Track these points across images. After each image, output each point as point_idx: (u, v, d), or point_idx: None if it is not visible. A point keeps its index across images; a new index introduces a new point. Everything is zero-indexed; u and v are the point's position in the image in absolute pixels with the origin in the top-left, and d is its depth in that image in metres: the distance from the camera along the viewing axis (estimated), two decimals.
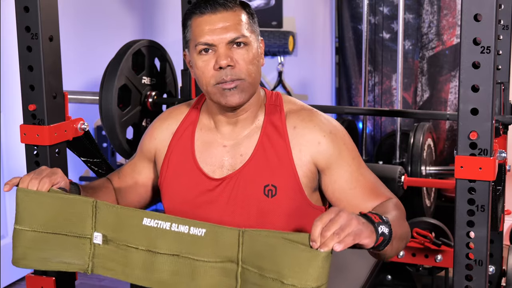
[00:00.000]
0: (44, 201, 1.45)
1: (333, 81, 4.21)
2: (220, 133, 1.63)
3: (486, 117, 1.47)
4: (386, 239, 1.34)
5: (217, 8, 1.52)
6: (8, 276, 3.30)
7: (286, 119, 1.61)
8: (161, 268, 1.41)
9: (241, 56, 1.53)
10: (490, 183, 1.51)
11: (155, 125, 1.73)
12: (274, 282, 1.27)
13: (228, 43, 1.52)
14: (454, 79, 3.77)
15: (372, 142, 3.92)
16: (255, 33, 1.58)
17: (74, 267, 1.47)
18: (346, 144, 1.60)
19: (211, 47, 1.52)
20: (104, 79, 2.52)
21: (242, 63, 1.53)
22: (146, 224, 1.41)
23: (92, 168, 2.14)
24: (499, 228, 2.32)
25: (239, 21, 1.53)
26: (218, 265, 1.37)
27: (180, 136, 1.66)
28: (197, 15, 1.54)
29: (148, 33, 4.11)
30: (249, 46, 1.54)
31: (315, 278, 1.24)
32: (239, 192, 1.57)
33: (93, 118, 3.67)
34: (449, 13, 3.74)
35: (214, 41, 1.52)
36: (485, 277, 1.53)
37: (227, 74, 1.52)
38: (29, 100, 1.85)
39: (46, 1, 1.81)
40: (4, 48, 3.12)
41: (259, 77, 1.58)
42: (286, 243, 1.26)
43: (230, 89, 1.53)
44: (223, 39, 1.51)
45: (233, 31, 1.52)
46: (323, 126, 1.59)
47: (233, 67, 1.52)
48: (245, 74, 1.53)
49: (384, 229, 1.33)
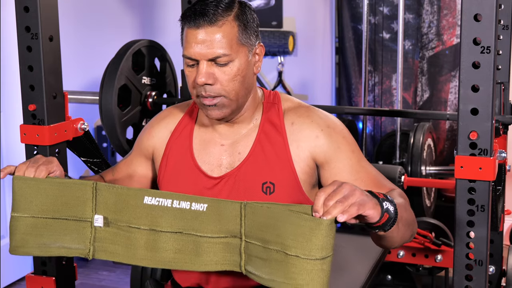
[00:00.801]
0: (42, 187, 1.44)
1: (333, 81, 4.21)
2: (218, 132, 1.63)
3: (486, 117, 1.47)
4: (392, 217, 1.31)
5: (200, 22, 1.48)
6: (8, 276, 3.30)
7: (284, 116, 1.60)
8: (165, 247, 1.40)
9: (222, 73, 1.50)
10: (490, 183, 1.51)
11: (153, 123, 1.72)
12: (278, 254, 1.26)
13: (209, 60, 1.50)
14: (454, 79, 3.77)
15: (372, 142, 3.92)
16: (246, 45, 1.53)
17: (75, 251, 1.45)
18: (345, 137, 1.59)
19: (194, 61, 1.51)
20: (104, 79, 2.52)
21: (223, 81, 1.51)
22: (147, 203, 1.39)
23: (92, 168, 2.14)
24: (499, 228, 2.32)
25: (224, 37, 1.49)
26: (222, 240, 1.36)
27: (179, 135, 1.66)
28: (186, 25, 1.52)
29: (148, 33, 4.11)
30: (233, 62, 1.51)
31: (320, 248, 1.22)
32: (238, 190, 1.57)
33: (93, 118, 3.67)
34: (449, 13, 3.74)
35: (195, 56, 1.50)
36: (485, 277, 1.53)
37: (206, 90, 1.51)
38: (29, 100, 1.85)
39: (46, 1, 1.81)
40: (4, 48, 3.12)
41: (245, 90, 1.55)
42: (289, 214, 1.25)
43: (209, 105, 1.53)
44: (204, 55, 1.49)
45: (215, 48, 1.48)
46: (320, 121, 1.59)
47: (212, 85, 1.50)
48: (225, 91, 1.51)
49: (389, 206, 1.30)
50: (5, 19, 3.06)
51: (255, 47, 1.56)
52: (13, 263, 3.30)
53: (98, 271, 3.48)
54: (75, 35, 3.56)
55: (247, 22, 1.54)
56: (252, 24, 1.55)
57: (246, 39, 1.53)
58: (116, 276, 3.40)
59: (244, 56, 1.53)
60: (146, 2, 4.19)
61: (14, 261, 3.30)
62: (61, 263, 1.93)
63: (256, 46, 1.57)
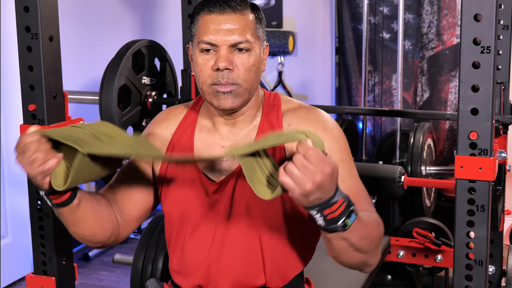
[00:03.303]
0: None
1: (333, 81, 4.21)
2: (218, 133, 1.62)
3: (486, 117, 1.47)
4: (348, 210, 1.30)
5: (225, 9, 1.51)
6: (8, 276, 3.30)
7: (283, 118, 1.60)
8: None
9: (242, 61, 1.51)
10: (490, 183, 1.51)
11: (153, 127, 1.70)
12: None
13: (230, 46, 1.50)
14: (454, 79, 3.78)
15: (372, 142, 3.92)
16: (260, 39, 1.56)
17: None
18: (339, 144, 1.57)
19: (213, 47, 1.51)
20: (104, 79, 2.53)
21: (241, 69, 1.51)
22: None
23: None
24: (499, 228, 2.32)
25: (245, 25, 1.52)
26: None
27: (180, 138, 1.65)
28: (205, 12, 1.53)
29: (148, 33, 4.12)
30: (251, 52, 1.53)
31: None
32: (238, 194, 1.57)
33: (93, 118, 3.66)
34: (449, 13, 3.74)
35: (217, 42, 1.50)
36: (485, 277, 1.53)
37: (224, 76, 1.50)
38: (29, 100, 1.85)
39: (46, 1, 1.81)
40: (4, 48, 3.12)
41: (256, 83, 1.57)
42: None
43: (224, 93, 1.52)
44: (226, 41, 1.50)
45: (237, 34, 1.50)
46: (316, 123, 1.57)
47: (231, 71, 1.50)
48: (242, 80, 1.52)
49: (348, 200, 1.31)
50: (5, 19, 3.06)
51: (265, 44, 1.59)
52: (13, 263, 3.30)
53: (98, 271, 3.48)
54: (75, 35, 3.56)
55: (261, 17, 1.57)
56: (263, 21, 1.59)
57: (261, 32, 1.56)
58: (116, 276, 3.40)
59: (259, 49, 1.55)
60: (146, 2, 4.19)
61: (14, 261, 3.31)
62: (61, 263, 1.93)
63: (265, 44, 1.60)
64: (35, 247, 1.92)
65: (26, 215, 2.01)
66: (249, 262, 1.58)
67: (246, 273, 1.57)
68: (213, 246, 1.58)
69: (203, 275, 1.60)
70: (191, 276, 1.61)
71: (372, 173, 2.62)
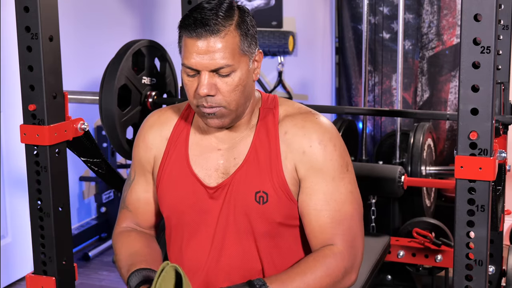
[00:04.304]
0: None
1: (333, 81, 4.21)
2: (214, 137, 1.60)
3: (486, 117, 1.47)
4: None
5: (203, 33, 1.45)
6: (8, 276, 3.30)
7: (279, 124, 1.57)
8: None
9: (224, 84, 1.48)
10: (490, 183, 1.51)
11: (145, 134, 1.68)
12: None
13: (211, 71, 1.47)
14: (454, 79, 3.78)
15: (372, 142, 3.92)
16: (247, 54, 1.50)
17: None
18: (332, 160, 1.54)
19: (195, 71, 1.48)
20: (104, 79, 2.53)
21: (225, 92, 1.48)
22: None
23: (92, 168, 2.14)
24: (499, 228, 2.32)
25: (226, 48, 1.46)
26: None
27: (175, 142, 1.63)
28: (186, 34, 1.48)
29: (148, 33, 4.12)
30: (236, 72, 1.48)
31: None
32: (232, 199, 1.56)
33: (93, 118, 3.67)
34: (449, 13, 3.74)
35: (197, 67, 1.47)
36: (485, 277, 1.53)
37: (207, 101, 1.49)
38: (29, 100, 1.85)
39: (46, 1, 1.81)
40: (4, 48, 3.12)
41: (245, 98, 1.53)
42: None
43: (209, 114, 1.50)
44: (206, 67, 1.46)
45: (219, 59, 1.45)
46: (313, 135, 1.54)
47: (213, 96, 1.48)
48: (226, 102, 1.49)
49: None
50: (5, 19, 3.06)
51: (255, 54, 1.54)
52: (13, 263, 3.30)
53: (98, 271, 3.48)
54: (75, 35, 3.56)
55: (248, 30, 1.50)
56: (252, 31, 1.52)
57: (247, 48, 1.50)
58: (116, 276, 3.40)
59: (245, 66, 1.50)
60: (146, 2, 4.19)
61: (14, 261, 3.31)
62: (61, 263, 1.93)
63: (256, 53, 1.54)
64: (35, 247, 1.92)
65: (26, 215, 2.01)
66: (247, 267, 1.58)
67: (245, 277, 1.56)
68: (212, 251, 1.58)
69: (202, 281, 1.60)
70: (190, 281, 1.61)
71: (372, 173, 2.62)
